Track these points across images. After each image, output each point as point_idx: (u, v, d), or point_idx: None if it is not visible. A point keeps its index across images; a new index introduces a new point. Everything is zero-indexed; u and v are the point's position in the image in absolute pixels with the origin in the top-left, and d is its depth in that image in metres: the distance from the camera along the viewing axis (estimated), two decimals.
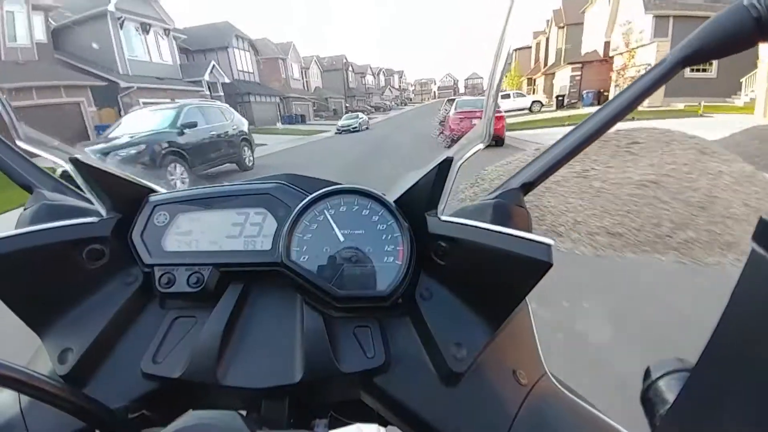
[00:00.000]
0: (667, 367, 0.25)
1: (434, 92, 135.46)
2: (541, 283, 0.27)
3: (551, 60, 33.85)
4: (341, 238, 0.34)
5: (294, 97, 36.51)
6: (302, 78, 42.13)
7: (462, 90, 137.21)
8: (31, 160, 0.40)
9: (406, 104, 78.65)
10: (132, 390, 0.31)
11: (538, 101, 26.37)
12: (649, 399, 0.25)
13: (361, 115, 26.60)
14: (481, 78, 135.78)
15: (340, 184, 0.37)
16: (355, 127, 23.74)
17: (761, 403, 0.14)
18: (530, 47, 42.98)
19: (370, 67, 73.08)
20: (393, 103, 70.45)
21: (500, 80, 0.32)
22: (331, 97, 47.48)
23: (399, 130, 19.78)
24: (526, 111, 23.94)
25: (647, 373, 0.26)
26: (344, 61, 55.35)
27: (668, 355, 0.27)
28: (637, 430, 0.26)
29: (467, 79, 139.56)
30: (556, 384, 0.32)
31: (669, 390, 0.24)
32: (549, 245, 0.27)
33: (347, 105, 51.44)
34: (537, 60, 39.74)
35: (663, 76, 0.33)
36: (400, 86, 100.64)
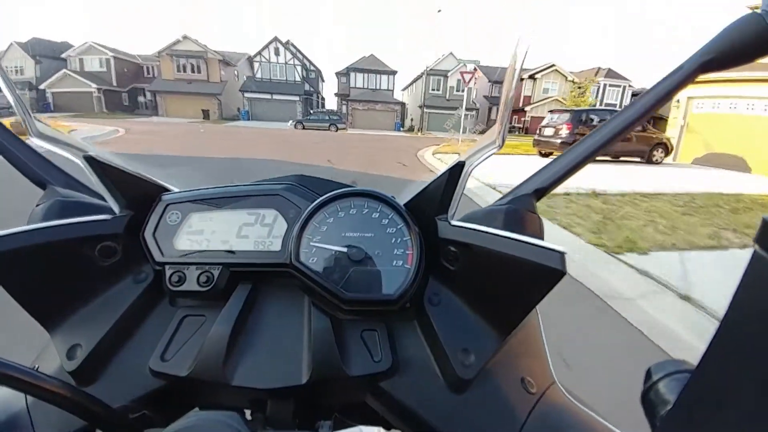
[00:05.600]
0: (668, 368, 0.24)
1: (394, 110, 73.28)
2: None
3: None
4: (350, 241, 0.34)
5: None
6: None
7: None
8: (44, 156, 0.40)
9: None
10: (139, 387, 0.31)
11: None
12: (649, 400, 0.24)
13: None
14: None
15: (351, 186, 0.37)
16: None
17: (762, 406, 0.14)
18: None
19: None
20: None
21: (513, 89, 0.31)
22: None
23: None
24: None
25: (648, 374, 0.25)
26: None
27: None
28: None
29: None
30: (565, 393, 0.32)
31: (669, 391, 0.23)
32: (562, 253, 0.26)
33: None
34: None
35: (680, 83, 0.33)
36: (315, 89, 52.35)
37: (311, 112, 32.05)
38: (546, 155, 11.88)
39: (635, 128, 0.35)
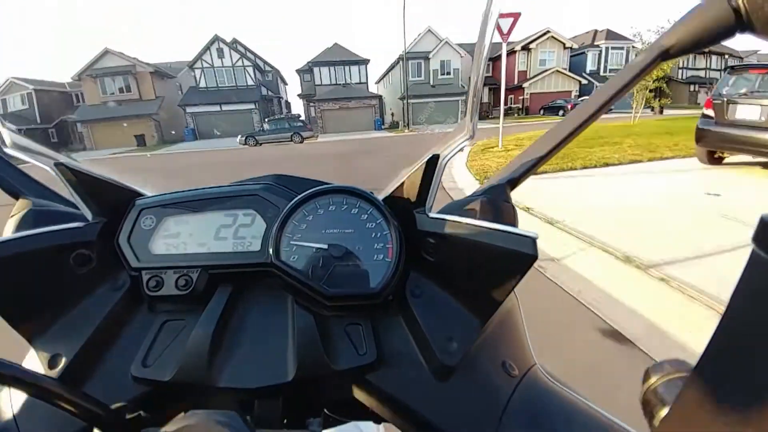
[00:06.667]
0: (667, 368, 0.25)
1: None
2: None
3: None
4: (331, 238, 0.36)
5: None
6: None
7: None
8: (17, 166, 0.41)
9: None
10: (122, 395, 0.32)
11: None
12: (648, 401, 0.25)
13: None
14: None
15: (329, 183, 0.39)
16: None
17: (761, 406, 0.15)
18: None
19: None
20: None
21: (482, 75, 0.33)
22: None
23: None
24: None
25: (647, 375, 0.26)
26: None
27: None
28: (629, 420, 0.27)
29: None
30: (546, 374, 0.35)
31: (668, 392, 0.24)
32: (534, 238, 0.29)
33: None
34: None
35: (643, 69, 0.35)
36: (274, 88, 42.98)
37: (266, 120, 25.93)
38: (718, 160, 5.80)
39: (604, 113, 0.37)
